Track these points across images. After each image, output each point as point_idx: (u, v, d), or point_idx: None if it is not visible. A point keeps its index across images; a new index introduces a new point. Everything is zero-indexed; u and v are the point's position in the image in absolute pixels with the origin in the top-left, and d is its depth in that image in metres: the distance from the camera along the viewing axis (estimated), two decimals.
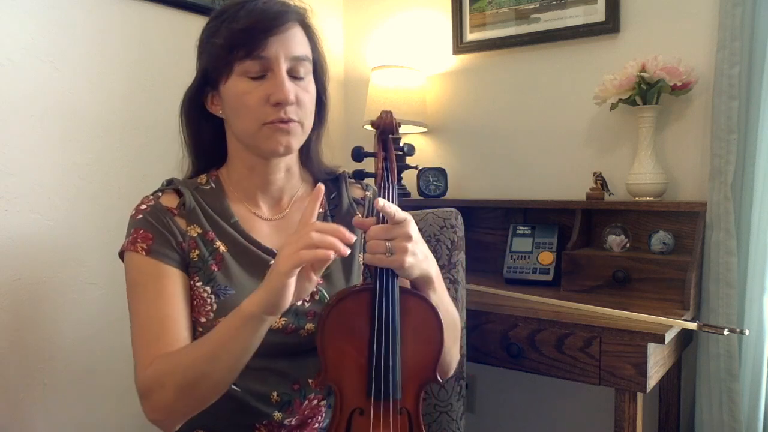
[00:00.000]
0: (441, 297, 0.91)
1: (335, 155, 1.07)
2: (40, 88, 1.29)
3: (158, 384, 0.79)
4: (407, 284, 0.89)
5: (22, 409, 1.28)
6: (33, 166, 1.28)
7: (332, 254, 0.72)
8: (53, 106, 1.31)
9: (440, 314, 0.87)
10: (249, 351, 0.79)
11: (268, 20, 0.85)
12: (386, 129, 0.95)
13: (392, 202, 0.87)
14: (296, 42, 0.88)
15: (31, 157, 1.28)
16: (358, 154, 0.95)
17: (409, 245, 0.80)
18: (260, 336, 0.78)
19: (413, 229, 0.82)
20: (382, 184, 0.91)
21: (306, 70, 0.89)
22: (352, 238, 0.74)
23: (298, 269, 0.73)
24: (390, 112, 0.96)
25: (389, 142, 0.96)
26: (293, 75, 0.88)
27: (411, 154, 1.01)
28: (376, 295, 0.83)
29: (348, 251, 0.73)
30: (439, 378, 0.88)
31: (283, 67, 0.86)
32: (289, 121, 0.86)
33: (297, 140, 0.90)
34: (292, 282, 0.73)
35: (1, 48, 1.22)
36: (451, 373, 0.99)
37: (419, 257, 0.83)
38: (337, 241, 0.73)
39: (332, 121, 1.02)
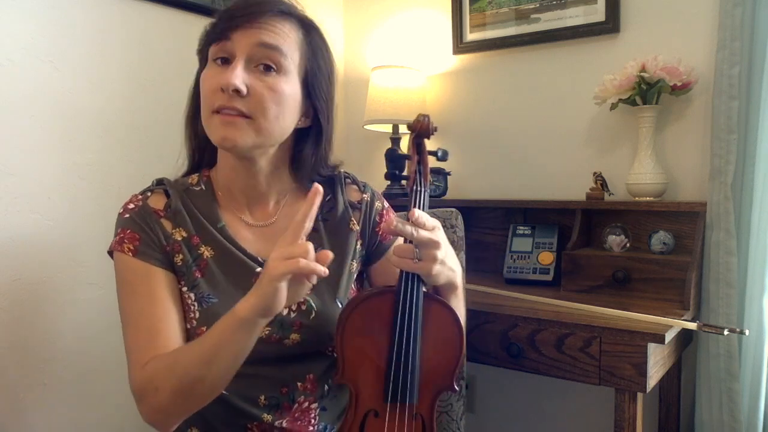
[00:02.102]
0: (459, 301, 0.91)
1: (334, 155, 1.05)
2: (40, 88, 1.29)
3: (152, 387, 0.79)
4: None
5: (22, 409, 1.28)
6: (33, 166, 1.28)
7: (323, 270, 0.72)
8: (53, 106, 1.31)
9: (462, 324, 0.87)
10: (243, 354, 0.78)
11: (243, 6, 0.83)
12: (422, 133, 0.93)
13: (424, 206, 0.88)
14: (272, 31, 0.83)
15: (31, 157, 1.28)
16: (392, 156, 0.94)
17: (438, 253, 0.81)
18: (255, 338, 0.78)
19: (443, 237, 0.82)
20: (415, 188, 0.90)
21: (279, 65, 0.83)
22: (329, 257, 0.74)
23: (290, 275, 0.72)
24: (428, 116, 0.93)
25: (424, 146, 0.94)
26: (262, 68, 0.83)
27: (444, 160, 0.98)
28: (400, 298, 0.83)
29: (326, 273, 0.73)
30: (456, 387, 0.88)
31: (244, 52, 0.81)
32: (235, 112, 0.81)
33: (245, 136, 0.83)
34: (284, 287, 0.72)
35: (1, 48, 1.22)
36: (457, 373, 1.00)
37: (447, 265, 0.84)
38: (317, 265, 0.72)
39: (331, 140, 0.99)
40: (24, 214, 1.27)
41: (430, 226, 0.80)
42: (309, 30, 0.89)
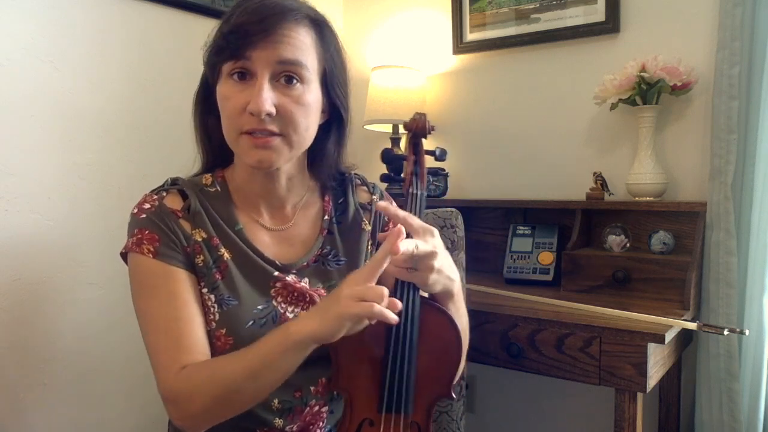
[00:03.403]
0: (458, 308, 0.89)
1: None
2: (40, 88, 1.29)
3: (188, 394, 0.78)
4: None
5: (22, 409, 1.28)
6: (33, 166, 1.28)
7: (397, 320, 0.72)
8: (53, 106, 1.31)
9: (460, 331, 0.85)
10: (291, 371, 0.78)
11: (258, 21, 0.79)
12: (418, 132, 0.91)
13: (420, 208, 0.86)
14: (289, 44, 0.81)
15: (31, 157, 1.28)
16: (387, 156, 0.92)
17: (435, 262, 0.78)
18: (304, 357, 0.77)
19: (439, 244, 0.80)
20: (411, 190, 0.88)
21: (301, 76, 0.82)
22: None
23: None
24: (424, 114, 0.91)
25: (421, 145, 0.92)
26: (283, 80, 0.82)
27: (443, 159, 0.95)
28: None
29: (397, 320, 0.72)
30: (453, 394, 0.86)
31: (266, 71, 0.80)
32: (267, 133, 0.81)
33: (280, 156, 0.83)
34: (350, 324, 0.72)
35: (1, 48, 1.22)
36: (456, 380, 0.98)
37: (444, 273, 0.81)
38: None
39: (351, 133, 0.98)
40: (24, 214, 1.27)
41: (422, 231, 0.78)
42: (321, 27, 0.88)
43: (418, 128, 0.91)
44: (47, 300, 1.32)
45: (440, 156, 0.95)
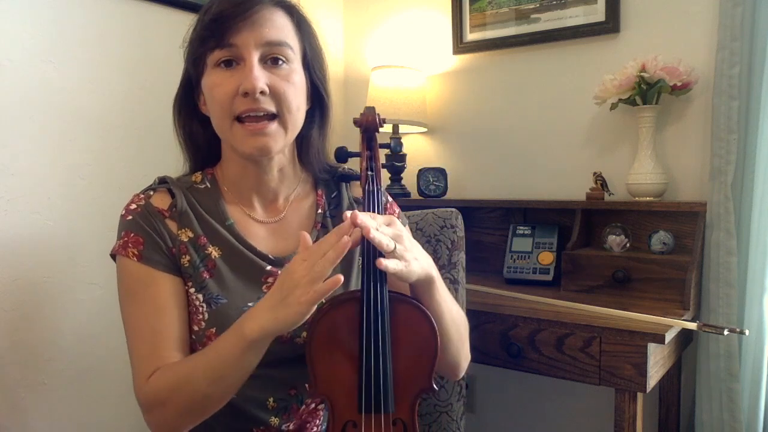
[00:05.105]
0: (443, 295, 0.86)
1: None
2: (40, 88, 1.29)
3: (159, 401, 0.79)
4: (405, 289, 0.85)
5: (22, 409, 1.28)
6: (33, 166, 1.28)
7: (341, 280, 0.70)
8: (53, 106, 1.32)
9: (434, 320, 0.82)
10: (252, 368, 0.78)
11: (237, 5, 0.81)
12: (369, 126, 0.90)
13: (379, 205, 0.84)
14: (272, 26, 0.82)
15: (31, 157, 1.28)
16: (341, 155, 0.90)
17: (405, 244, 0.77)
18: (264, 352, 0.77)
19: (403, 229, 0.78)
20: (367, 187, 0.85)
21: (287, 57, 0.84)
22: (345, 246, 0.71)
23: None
24: (373, 108, 0.90)
25: (374, 140, 0.90)
26: (270, 62, 0.83)
27: (398, 151, 0.93)
28: (363, 305, 0.78)
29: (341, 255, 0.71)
30: (435, 386, 0.84)
31: (254, 54, 0.81)
32: (263, 113, 0.81)
33: (276, 140, 0.83)
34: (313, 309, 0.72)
35: (1, 48, 1.22)
36: (462, 374, 0.96)
37: (419, 260, 0.78)
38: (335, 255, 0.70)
39: (332, 121, 0.98)
40: (24, 214, 1.27)
41: (385, 220, 0.77)
42: (293, 12, 0.89)
43: (368, 123, 0.89)
44: (47, 300, 1.32)
45: (395, 147, 0.92)
